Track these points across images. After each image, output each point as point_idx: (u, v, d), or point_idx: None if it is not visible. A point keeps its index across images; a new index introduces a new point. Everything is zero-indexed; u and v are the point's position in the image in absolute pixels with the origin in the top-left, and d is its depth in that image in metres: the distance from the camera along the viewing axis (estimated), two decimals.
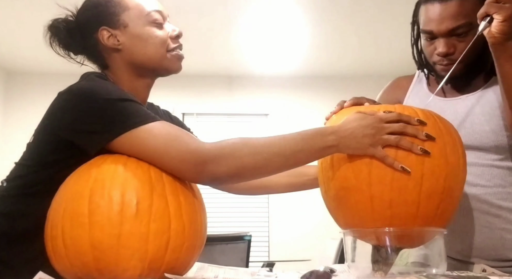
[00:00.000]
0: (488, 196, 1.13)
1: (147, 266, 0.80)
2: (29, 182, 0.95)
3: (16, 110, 4.39)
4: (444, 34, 1.10)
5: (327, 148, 0.88)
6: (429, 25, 1.12)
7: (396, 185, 0.85)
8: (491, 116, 1.12)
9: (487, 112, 1.12)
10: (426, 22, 1.13)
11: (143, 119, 0.88)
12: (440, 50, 1.11)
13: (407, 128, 0.86)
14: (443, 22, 1.09)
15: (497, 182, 1.12)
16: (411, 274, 0.81)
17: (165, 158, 0.86)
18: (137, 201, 0.80)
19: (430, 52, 1.15)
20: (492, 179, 1.12)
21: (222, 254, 2.31)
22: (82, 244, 0.79)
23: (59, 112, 0.93)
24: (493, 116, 1.12)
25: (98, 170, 0.84)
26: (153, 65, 1.05)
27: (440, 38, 1.11)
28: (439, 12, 1.09)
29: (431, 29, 1.11)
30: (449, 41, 1.10)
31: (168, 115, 1.24)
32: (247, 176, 0.92)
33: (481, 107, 1.14)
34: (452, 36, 1.10)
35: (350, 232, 0.91)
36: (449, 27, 1.09)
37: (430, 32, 1.12)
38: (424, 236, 0.89)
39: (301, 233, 4.28)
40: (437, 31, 1.10)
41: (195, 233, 0.87)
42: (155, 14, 1.05)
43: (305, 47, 4.10)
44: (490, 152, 1.12)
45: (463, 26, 1.08)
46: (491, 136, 1.11)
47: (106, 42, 1.02)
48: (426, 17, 1.12)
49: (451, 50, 1.10)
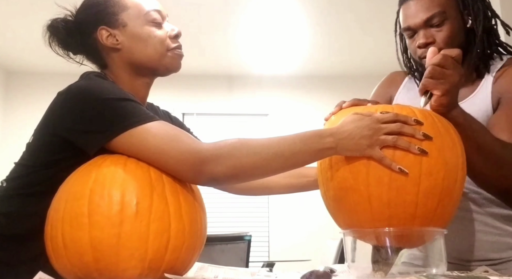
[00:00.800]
0: (465, 202, 1.14)
1: (147, 266, 0.80)
2: (29, 182, 0.95)
3: (16, 110, 4.39)
4: (420, 26, 1.14)
5: (325, 150, 0.88)
6: (406, 22, 1.17)
7: (394, 185, 0.85)
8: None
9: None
10: (404, 21, 1.18)
11: (142, 118, 0.88)
12: (420, 41, 1.14)
13: (404, 128, 0.86)
14: (417, 15, 1.14)
15: (473, 189, 1.13)
16: (411, 274, 0.81)
17: (164, 158, 0.86)
18: (137, 201, 0.80)
19: (414, 48, 1.18)
20: (468, 186, 1.12)
21: (222, 254, 2.31)
22: (82, 244, 0.79)
23: (59, 112, 0.93)
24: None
25: (98, 170, 0.84)
26: (153, 65, 1.05)
27: (419, 31, 1.15)
28: (412, 8, 1.15)
29: (408, 25, 1.16)
30: (427, 32, 1.14)
31: (168, 115, 1.24)
32: (245, 177, 0.92)
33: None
34: (429, 27, 1.14)
35: (350, 232, 0.91)
36: (423, 17, 1.13)
37: (408, 28, 1.17)
38: (424, 236, 0.89)
39: (301, 233, 4.28)
40: (414, 25, 1.15)
41: (195, 233, 0.87)
42: (154, 14, 1.05)
43: (305, 47, 4.10)
44: None
45: (437, 15, 1.13)
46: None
47: (105, 42, 1.02)
48: (403, 16, 1.18)
49: (430, 40, 1.13)
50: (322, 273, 0.84)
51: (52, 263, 0.84)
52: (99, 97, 0.89)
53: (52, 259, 0.84)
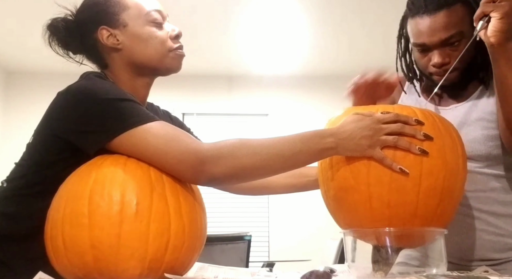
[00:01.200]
0: (469, 201, 1.13)
1: (147, 266, 0.80)
2: (29, 183, 0.95)
3: (16, 110, 4.38)
4: (437, 45, 1.10)
5: (325, 150, 0.88)
6: (420, 38, 1.11)
7: (394, 185, 0.85)
8: (476, 127, 1.12)
9: (473, 122, 1.13)
10: (417, 36, 1.12)
11: (142, 119, 0.88)
12: (436, 61, 1.10)
13: (405, 128, 0.86)
14: (434, 34, 1.08)
15: (477, 188, 1.13)
16: (411, 274, 0.81)
17: (164, 158, 0.86)
18: (137, 201, 0.80)
19: (425, 64, 1.15)
20: (473, 185, 1.11)
21: (222, 254, 2.31)
22: (82, 244, 0.79)
23: (58, 112, 0.93)
24: (478, 126, 1.12)
25: (98, 170, 0.84)
26: (154, 65, 1.04)
27: (434, 49, 1.11)
28: (429, 25, 1.09)
29: (424, 42, 1.11)
30: (443, 51, 1.10)
31: (168, 115, 1.23)
32: (245, 177, 0.92)
33: (468, 117, 1.14)
34: (445, 46, 1.10)
35: (350, 232, 0.91)
36: (442, 38, 1.08)
37: (423, 45, 1.12)
38: (425, 236, 0.89)
39: (301, 233, 4.28)
40: (430, 43, 1.10)
41: (195, 233, 0.87)
42: (154, 14, 1.05)
43: (305, 47, 4.10)
44: (473, 160, 1.12)
45: (455, 36, 1.08)
46: (475, 146, 1.12)
47: (106, 42, 1.02)
48: (417, 30, 1.12)
49: (446, 60, 1.10)
50: (322, 273, 0.83)
51: (52, 263, 0.84)
52: (99, 98, 0.89)
53: (52, 259, 0.84)
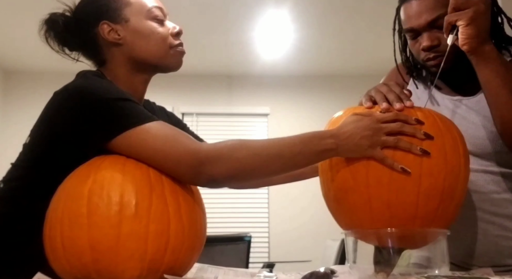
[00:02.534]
0: (482, 203, 1.10)
1: (146, 266, 0.80)
2: (27, 184, 0.94)
3: (14, 110, 4.38)
4: (424, 27, 1.09)
5: (325, 151, 0.87)
6: (409, 23, 1.11)
7: (394, 186, 0.84)
8: (487, 122, 1.09)
9: (484, 118, 1.10)
10: (406, 21, 1.12)
11: (141, 119, 0.87)
12: (424, 44, 1.09)
13: (404, 128, 0.86)
14: (421, 16, 1.08)
15: (491, 189, 1.10)
16: (412, 275, 0.81)
17: (163, 159, 0.85)
18: (136, 201, 0.80)
19: (417, 50, 1.14)
20: (486, 185, 1.09)
21: (222, 255, 2.30)
22: (81, 244, 0.78)
23: (55, 112, 0.92)
24: (489, 122, 1.09)
25: (96, 171, 0.83)
26: (155, 61, 1.05)
27: (423, 33, 1.10)
28: (415, 8, 1.09)
29: (412, 26, 1.11)
30: (431, 34, 1.09)
31: (164, 111, 1.23)
32: (245, 178, 0.91)
33: (478, 112, 1.12)
34: (433, 28, 1.08)
35: (352, 233, 0.90)
36: (428, 19, 1.07)
37: (411, 30, 1.11)
38: (427, 236, 0.88)
39: (301, 234, 4.27)
40: (418, 26, 1.09)
41: (195, 234, 0.87)
42: (156, 10, 1.05)
43: (305, 47, 4.10)
44: (485, 158, 1.10)
45: (442, 17, 1.05)
46: (486, 142, 1.09)
47: (107, 37, 1.02)
48: (405, 16, 1.12)
49: (435, 42, 1.09)
50: (323, 274, 0.83)
51: (51, 264, 0.83)
52: (97, 97, 0.88)
53: (50, 260, 0.83)
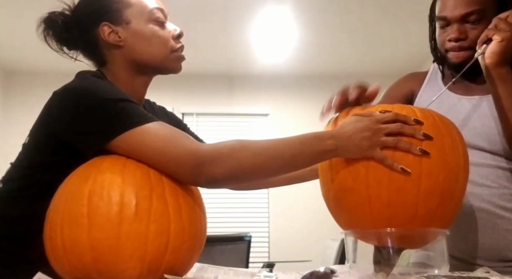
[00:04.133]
0: (493, 197, 1.12)
1: (146, 266, 0.80)
2: (27, 184, 0.94)
3: (14, 110, 4.38)
4: (457, 19, 1.14)
5: (325, 152, 0.87)
6: (443, 12, 1.16)
7: (393, 186, 0.84)
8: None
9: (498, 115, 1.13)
10: (441, 9, 1.17)
11: (140, 119, 0.87)
12: (453, 35, 1.14)
13: (404, 128, 0.86)
14: (456, 7, 1.13)
15: (502, 184, 1.12)
16: (411, 275, 0.81)
17: (162, 160, 0.85)
18: (136, 201, 0.80)
19: (443, 40, 1.18)
20: (498, 180, 1.11)
21: (222, 255, 2.30)
22: (81, 245, 0.78)
23: (54, 113, 0.92)
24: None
25: (97, 171, 0.83)
26: (155, 64, 1.04)
27: (453, 24, 1.15)
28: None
29: (445, 15, 1.15)
30: (461, 26, 1.14)
31: (164, 111, 1.23)
32: (245, 178, 0.91)
33: (493, 109, 1.13)
34: (465, 22, 1.14)
35: (351, 233, 0.90)
36: (462, 12, 1.13)
37: (444, 18, 1.16)
38: (426, 236, 0.89)
39: (301, 233, 4.27)
40: (451, 17, 1.14)
41: (195, 234, 0.87)
42: (157, 12, 1.05)
43: (306, 47, 4.09)
44: (497, 154, 1.12)
45: (476, 13, 1.12)
46: (499, 139, 1.12)
47: (107, 38, 1.02)
48: (441, 4, 1.17)
49: (462, 36, 1.14)
50: (323, 274, 0.83)
51: (51, 264, 0.84)
52: (96, 98, 0.88)
53: (51, 260, 0.83)
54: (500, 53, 1.02)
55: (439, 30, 1.19)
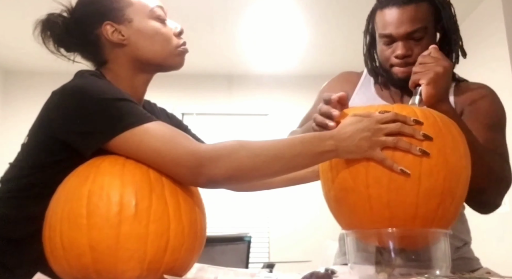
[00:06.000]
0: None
1: (146, 267, 0.79)
2: (26, 185, 0.94)
3: (14, 110, 4.38)
4: (402, 37, 1.15)
5: (325, 152, 0.87)
6: (387, 29, 1.17)
7: (393, 186, 0.84)
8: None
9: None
10: (385, 26, 1.17)
11: (139, 119, 0.87)
12: (399, 52, 1.16)
13: (404, 128, 0.86)
14: (401, 25, 1.14)
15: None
16: (412, 275, 0.81)
17: (162, 160, 0.85)
18: (135, 202, 0.79)
19: (387, 56, 1.20)
20: None
21: (222, 255, 2.30)
22: (81, 245, 0.78)
23: (53, 112, 0.92)
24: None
25: (96, 171, 0.83)
26: (159, 61, 1.05)
27: (399, 41, 1.16)
28: (397, 16, 1.15)
29: (390, 33, 1.16)
30: (406, 43, 1.16)
31: (165, 113, 1.23)
32: (245, 179, 0.91)
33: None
34: (409, 39, 1.16)
35: (352, 233, 0.90)
36: (408, 30, 1.15)
37: (389, 36, 1.17)
38: (428, 237, 0.88)
39: (301, 234, 4.27)
40: (396, 34, 1.16)
41: (195, 234, 0.87)
42: (158, 10, 1.05)
43: (305, 47, 4.10)
44: None
45: (420, 30, 1.15)
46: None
47: (111, 37, 1.02)
48: (385, 21, 1.17)
49: (409, 52, 1.16)
50: (323, 275, 0.83)
51: (51, 264, 0.83)
52: (95, 97, 0.88)
53: (50, 260, 0.83)
54: (434, 95, 1.01)
55: (383, 46, 1.20)
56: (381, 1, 1.19)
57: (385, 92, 1.29)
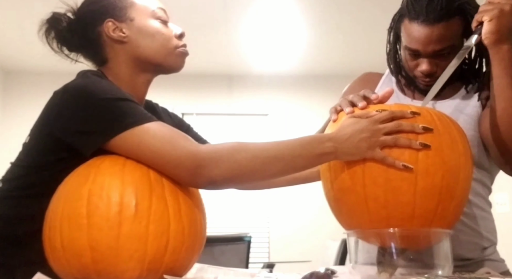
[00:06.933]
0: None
1: (146, 267, 0.79)
2: (26, 184, 0.94)
3: (14, 110, 4.37)
4: (429, 55, 1.14)
5: (324, 154, 0.87)
6: (415, 45, 1.14)
7: (390, 186, 0.84)
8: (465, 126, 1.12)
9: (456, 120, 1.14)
10: (412, 41, 1.14)
11: (139, 119, 0.87)
12: (424, 68, 1.15)
13: (402, 126, 0.86)
14: (429, 44, 1.12)
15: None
16: (412, 275, 0.81)
17: (161, 161, 0.85)
18: (136, 202, 0.79)
19: (413, 67, 1.18)
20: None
21: (221, 255, 2.30)
22: (81, 245, 0.78)
23: (54, 112, 0.92)
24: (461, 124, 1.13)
25: (96, 171, 0.83)
26: (158, 60, 1.05)
27: (425, 57, 1.15)
28: (426, 34, 1.11)
29: (417, 49, 1.14)
30: (433, 60, 1.14)
31: (166, 112, 1.23)
32: (244, 180, 0.91)
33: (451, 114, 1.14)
34: (436, 57, 1.14)
35: (354, 233, 0.90)
36: (435, 49, 1.12)
37: (416, 51, 1.15)
38: (429, 237, 0.88)
39: (301, 234, 4.27)
40: (423, 52, 1.13)
41: (195, 234, 0.87)
42: (160, 11, 1.06)
43: (305, 46, 4.09)
44: None
45: (447, 49, 1.13)
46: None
47: (111, 34, 1.02)
48: (412, 36, 1.14)
49: (433, 69, 1.15)
50: (323, 275, 0.83)
51: (51, 264, 0.83)
52: (96, 97, 0.88)
53: (50, 260, 0.83)
54: (495, 31, 1.01)
55: (408, 56, 1.18)
56: (411, 11, 1.13)
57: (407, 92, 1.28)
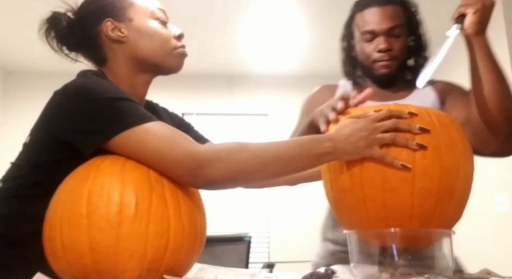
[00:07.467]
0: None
1: (146, 267, 0.79)
2: (26, 184, 0.94)
3: (14, 109, 4.37)
4: (384, 32, 1.29)
5: (324, 154, 0.88)
6: (370, 26, 1.30)
7: (387, 186, 0.84)
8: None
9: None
10: (367, 24, 1.31)
11: (139, 119, 0.87)
12: (382, 46, 1.29)
13: (399, 124, 0.86)
14: (383, 22, 1.29)
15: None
16: (412, 275, 0.81)
17: (161, 161, 0.84)
18: (136, 202, 0.79)
19: (369, 52, 1.32)
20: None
21: (222, 255, 2.30)
22: (81, 245, 0.78)
23: (55, 112, 0.92)
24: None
25: (96, 171, 0.83)
26: (157, 61, 1.05)
27: (381, 36, 1.29)
28: (378, 14, 1.30)
29: (373, 29, 1.30)
30: (388, 39, 1.30)
31: (167, 112, 1.23)
32: (243, 181, 0.91)
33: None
34: (390, 36, 1.29)
35: (355, 233, 0.90)
36: (389, 25, 1.29)
37: (371, 32, 1.30)
38: (430, 237, 0.88)
39: (301, 234, 4.26)
40: (378, 29, 1.29)
41: (195, 234, 0.87)
42: (159, 12, 1.07)
43: (305, 46, 4.09)
44: None
45: (399, 27, 1.30)
46: None
47: (110, 34, 1.02)
48: (366, 20, 1.31)
49: (390, 47, 1.29)
50: (323, 274, 0.83)
51: (51, 264, 0.83)
52: (96, 96, 0.88)
53: (50, 260, 0.83)
54: (479, 22, 1.10)
55: (364, 44, 1.32)
56: (360, 4, 1.33)
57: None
